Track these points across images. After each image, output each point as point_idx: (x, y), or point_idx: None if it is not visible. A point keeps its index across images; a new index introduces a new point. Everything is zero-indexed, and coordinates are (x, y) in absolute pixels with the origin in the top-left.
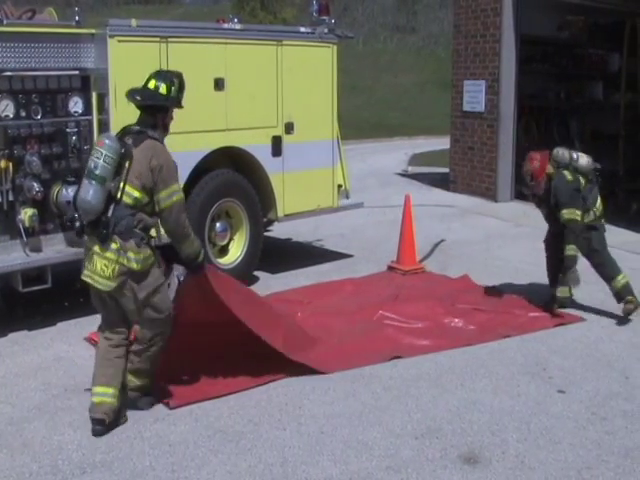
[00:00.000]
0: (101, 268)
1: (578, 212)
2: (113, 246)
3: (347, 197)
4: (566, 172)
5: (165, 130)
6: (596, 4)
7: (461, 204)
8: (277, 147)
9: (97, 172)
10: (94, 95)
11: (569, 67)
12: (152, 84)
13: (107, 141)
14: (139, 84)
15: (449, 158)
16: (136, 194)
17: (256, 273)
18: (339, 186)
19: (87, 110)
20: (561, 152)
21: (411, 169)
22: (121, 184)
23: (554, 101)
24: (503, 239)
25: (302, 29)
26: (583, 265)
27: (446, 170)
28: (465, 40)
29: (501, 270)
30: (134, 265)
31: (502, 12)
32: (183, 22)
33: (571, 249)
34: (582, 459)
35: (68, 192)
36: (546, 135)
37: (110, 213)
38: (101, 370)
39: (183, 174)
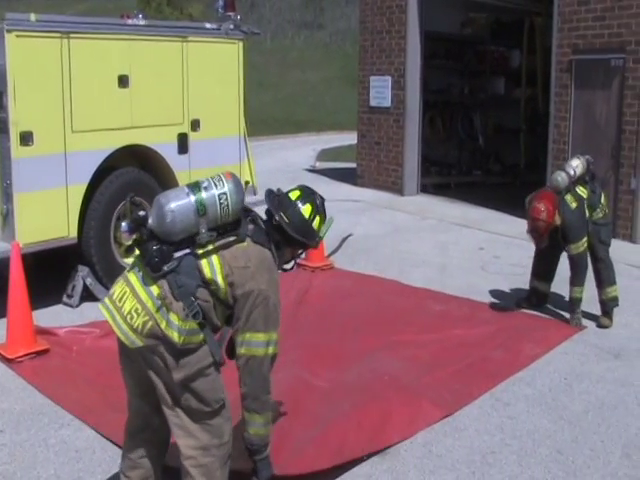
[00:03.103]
0: (129, 311)
1: (584, 242)
2: (155, 291)
3: (254, 193)
4: (568, 198)
5: (287, 262)
6: (497, 2)
7: (368, 198)
8: (183, 144)
9: (204, 198)
10: None
11: (472, 63)
12: (308, 210)
13: (233, 184)
14: (40, 81)
15: (356, 153)
16: (219, 278)
17: None
18: (246, 182)
19: None
20: (560, 178)
21: (319, 164)
22: (211, 246)
23: (458, 96)
24: (410, 232)
25: (208, 25)
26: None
27: (353, 165)
28: (371, 36)
29: (408, 262)
30: (174, 335)
31: (407, 9)
32: (86, 17)
33: (578, 292)
34: (486, 444)
35: None
36: (451, 130)
37: (178, 255)
38: (126, 470)
39: (87, 173)
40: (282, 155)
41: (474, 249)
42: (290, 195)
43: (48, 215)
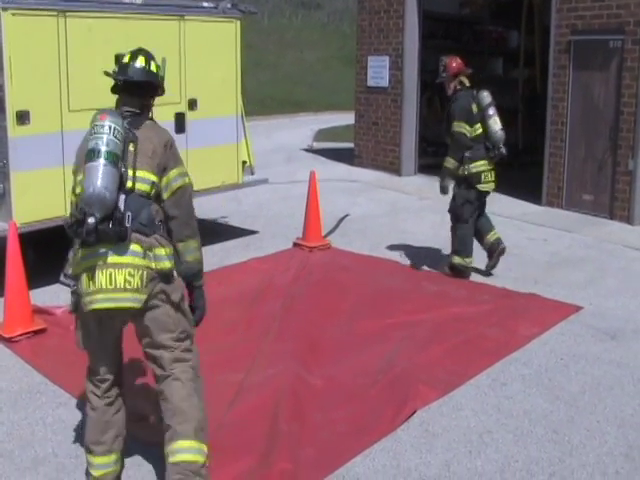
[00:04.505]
0: (125, 280)
1: (467, 127)
2: (135, 248)
3: (252, 173)
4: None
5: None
6: None
7: (366, 178)
8: (180, 124)
9: (108, 148)
10: None
11: (470, 43)
12: (141, 61)
13: (110, 116)
14: (36, 60)
15: (354, 133)
16: (153, 178)
17: None
18: (243, 162)
19: None
20: (486, 94)
21: (316, 145)
22: (130, 171)
23: None
24: (407, 212)
25: (205, 4)
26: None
27: (351, 145)
28: (369, 16)
29: (405, 242)
30: (166, 264)
31: None
32: None
33: (449, 162)
34: (483, 423)
35: None
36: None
37: (122, 206)
38: (97, 436)
39: None
40: (279, 135)
41: None
42: (124, 61)
43: (45, 194)
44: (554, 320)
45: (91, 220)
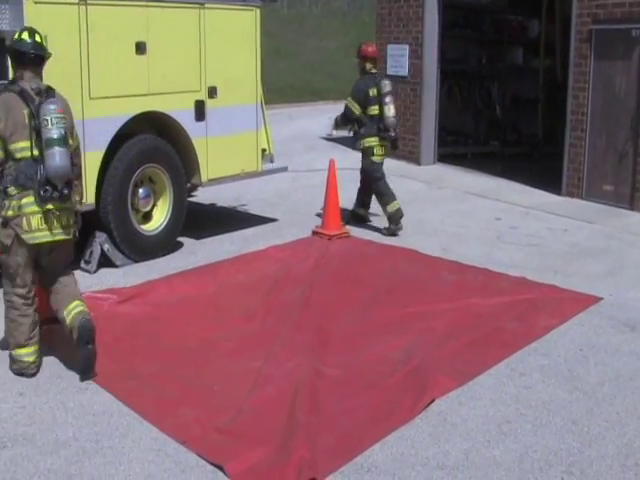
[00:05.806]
0: (67, 219)
1: (356, 105)
2: (72, 198)
3: (271, 161)
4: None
5: None
6: None
7: (385, 167)
8: (200, 111)
9: (65, 135)
10: (10, 58)
11: (490, 32)
12: (38, 37)
13: (63, 106)
14: (57, 48)
15: None
16: (71, 142)
17: (180, 239)
18: (263, 150)
19: (2, 74)
20: (387, 83)
21: (335, 133)
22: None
23: (476, 66)
24: (425, 201)
25: None
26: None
27: None
28: (389, 5)
29: (424, 231)
30: (79, 206)
31: None
32: None
33: (338, 119)
34: (502, 413)
35: None
36: (468, 99)
37: None
38: (30, 333)
39: (105, 140)
40: (299, 123)
41: (491, 219)
42: (23, 37)
43: None
44: (573, 311)
45: (66, 191)
